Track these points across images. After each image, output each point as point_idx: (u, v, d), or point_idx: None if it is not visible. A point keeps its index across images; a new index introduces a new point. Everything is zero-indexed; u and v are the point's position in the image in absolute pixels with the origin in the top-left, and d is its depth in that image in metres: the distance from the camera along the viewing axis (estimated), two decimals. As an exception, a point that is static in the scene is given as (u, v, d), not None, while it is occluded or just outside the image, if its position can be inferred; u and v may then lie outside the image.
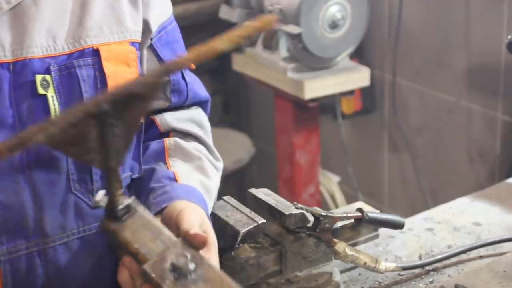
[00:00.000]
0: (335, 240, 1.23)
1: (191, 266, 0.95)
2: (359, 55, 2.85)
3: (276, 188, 2.83)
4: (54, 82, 1.09)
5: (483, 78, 2.57)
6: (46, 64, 1.09)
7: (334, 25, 2.57)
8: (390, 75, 2.88)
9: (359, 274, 1.34)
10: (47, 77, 1.09)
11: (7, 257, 1.08)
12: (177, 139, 1.29)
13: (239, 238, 1.13)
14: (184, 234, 0.99)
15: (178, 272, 0.95)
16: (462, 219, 1.53)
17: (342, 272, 1.32)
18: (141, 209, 1.01)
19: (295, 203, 1.23)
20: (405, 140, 2.90)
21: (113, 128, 0.93)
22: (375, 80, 2.88)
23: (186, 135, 1.30)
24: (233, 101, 3.72)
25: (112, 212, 0.99)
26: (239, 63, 2.87)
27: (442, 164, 2.82)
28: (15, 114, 1.08)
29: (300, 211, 1.20)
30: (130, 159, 1.21)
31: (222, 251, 1.14)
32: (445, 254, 1.37)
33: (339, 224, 1.26)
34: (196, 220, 1.05)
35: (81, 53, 1.12)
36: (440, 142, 2.80)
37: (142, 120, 1.08)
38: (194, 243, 0.98)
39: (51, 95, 1.09)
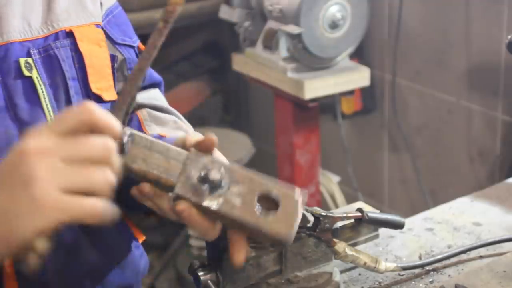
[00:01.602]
0: (335, 240, 1.23)
1: (217, 174, 0.92)
2: (359, 55, 2.86)
3: (276, 188, 2.82)
4: (36, 64, 1.16)
5: (483, 78, 2.57)
6: (25, 47, 1.15)
7: (334, 25, 2.57)
8: (390, 75, 2.88)
9: (359, 274, 1.34)
10: (29, 60, 1.15)
11: None
12: (148, 109, 1.35)
13: (239, 238, 1.13)
14: (193, 144, 0.98)
15: (209, 183, 0.92)
16: (462, 219, 1.53)
17: (342, 272, 1.32)
18: (136, 133, 0.96)
19: (295, 203, 1.23)
20: (405, 140, 2.90)
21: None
22: (375, 80, 2.88)
23: (154, 109, 1.37)
24: (233, 101, 3.73)
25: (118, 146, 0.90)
26: (239, 63, 2.87)
27: (442, 164, 2.82)
28: (6, 96, 1.14)
29: (300, 211, 1.20)
30: None
31: (222, 251, 1.14)
32: (445, 254, 1.37)
33: (339, 224, 1.26)
34: (193, 133, 1.07)
35: (56, 36, 1.19)
36: (440, 142, 2.80)
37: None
38: (206, 146, 0.96)
39: (35, 76, 1.15)
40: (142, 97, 1.38)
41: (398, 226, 1.32)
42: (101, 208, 0.80)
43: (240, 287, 1.16)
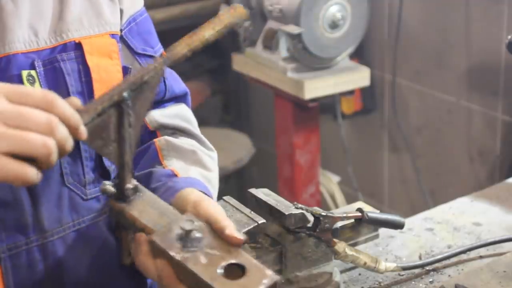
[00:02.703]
0: (335, 240, 1.23)
1: (198, 234, 0.96)
2: (359, 55, 2.85)
3: (276, 188, 2.83)
4: (39, 77, 1.11)
5: (483, 78, 2.57)
6: (30, 59, 1.10)
7: (334, 25, 2.57)
8: (390, 75, 2.88)
9: (359, 274, 1.34)
10: (32, 72, 1.10)
11: (7, 254, 1.09)
12: (167, 137, 1.28)
13: (239, 238, 1.13)
14: (220, 232, 0.99)
15: (185, 239, 0.95)
16: (462, 219, 1.53)
17: (342, 272, 1.32)
18: (147, 192, 1.04)
19: (295, 203, 1.23)
20: (405, 140, 2.90)
21: (130, 117, 0.96)
22: (375, 80, 2.88)
23: (175, 131, 1.31)
24: (233, 101, 3.73)
25: (120, 192, 1.01)
26: (239, 63, 2.87)
27: (442, 164, 2.82)
28: None
29: (300, 211, 1.20)
30: None
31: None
32: (445, 254, 1.37)
33: (339, 224, 1.26)
34: (222, 212, 1.04)
35: (64, 47, 1.13)
36: (440, 142, 2.80)
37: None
38: (231, 243, 0.98)
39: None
40: (168, 114, 1.30)
41: (398, 226, 1.32)
42: (28, 174, 0.84)
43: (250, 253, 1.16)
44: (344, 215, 1.26)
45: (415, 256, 1.40)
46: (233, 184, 3.52)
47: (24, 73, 1.09)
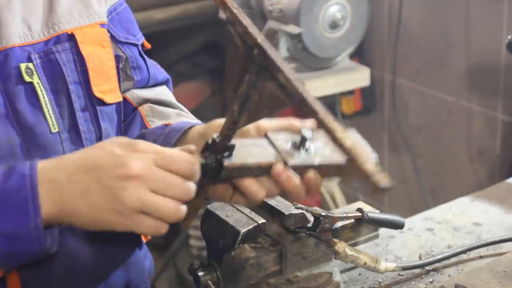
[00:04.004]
0: (335, 240, 1.23)
1: (307, 135, 1.08)
2: (359, 55, 2.85)
3: (276, 188, 2.82)
4: (37, 69, 1.13)
5: (483, 78, 2.57)
6: (26, 52, 1.13)
7: (334, 25, 2.57)
8: (390, 75, 2.88)
9: (359, 274, 1.34)
10: (30, 65, 1.13)
11: None
12: (150, 104, 1.34)
13: (239, 238, 1.13)
14: (269, 128, 1.11)
15: (299, 147, 1.06)
16: (462, 219, 1.53)
17: (342, 272, 1.32)
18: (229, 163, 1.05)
19: (295, 203, 1.23)
20: (405, 140, 2.90)
21: (257, 85, 0.99)
22: (375, 80, 2.88)
23: (159, 105, 1.35)
24: (233, 101, 3.72)
25: (223, 147, 1.03)
26: (239, 63, 2.86)
27: (442, 164, 2.82)
28: (7, 103, 1.12)
29: (300, 211, 1.20)
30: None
31: (222, 251, 1.14)
32: (445, 254, 1.37)
33: (339, 224, 1.26)
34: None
35: (57, 39, 1.17)
36: (440, 142, 2.80)
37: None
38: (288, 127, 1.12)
39: (36, 81, 1.13)
40: (148, 93, 1.36)
41: (398, 226, 1.32)
42: (160, 230, 0.96)
43: (240, 287, 1.16)
44: (344, 215, 1.26)
45: (415, 256, 1.40)
46: (233, 184, 3.51)
47: (22, 66, 1.12)
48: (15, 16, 1.13)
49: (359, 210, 1.28)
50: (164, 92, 1.39)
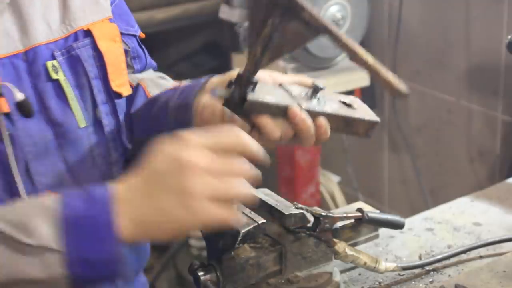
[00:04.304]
0: (335, 240, 1.23)
1: (319, 85, 1.18)
2: (359, 55, 2.85)
3: (276, 188, 2.83)
4: (61, 66, 1.16)
5: (483, 78, 2.57)
6: (50, 50, 1.16)
7: (334, 25, 2.56)
8: (390, 75, 2.87)
9: (359, 274, 1.34)
10: (55, 62, 1.16)
11: None
12: (150, 77, 1.38)
13: (239, 238, 1.13)
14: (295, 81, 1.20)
15: (312, 97, 1.17)
16: (462, 219, 1.53)
17: (342, 272, 1.32)
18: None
19: (295, 203, 1.23)
20: (405, 140, 2.90)
21: (280, 27, 1.05)
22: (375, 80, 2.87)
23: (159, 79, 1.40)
24: (233, 101, 3.72)
25: (247, 82, 1.12)
26: (239, 63, 2.87)
27: (442, 164, 2.82)
28: (38, 99, 1.15)
29: (300, 211, 1.20)
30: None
31: (222, 251, 1.14)
32: (445, 254, 1.37)
33: (339, 224, 1.26)
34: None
35: (76, 36, 1.19)
36: (440, 142, 2.80)
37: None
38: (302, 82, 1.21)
39: (62, 78, 1.16)
40: (144, 75, 1.38)
41: (398, 226, 1.32)
42: (235, 215, 0.95)
43: (240, 287, 1.16)
44: (344, 215, 1.26)
45: (415, 256, 1.40)
46: (233, 184, 3.51)
47: (49, 63, 1.15)
48: (37, 14, 1.15)
49: (359, 210, 1.28)
50: (160, 74, 1.43)
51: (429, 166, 2.86)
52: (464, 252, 1.38)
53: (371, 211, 1.29)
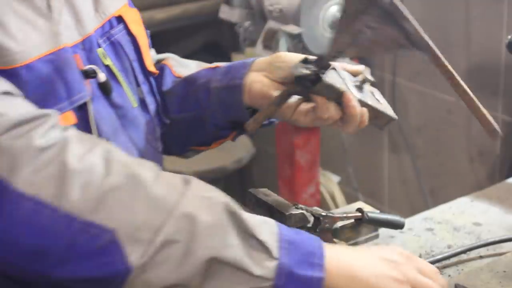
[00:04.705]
0: (335, 240, 1.23)
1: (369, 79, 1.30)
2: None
3: (276, 188, 2.83)
4: (107, 52, 1.21)
5: (483, 78, 2.57)
6: (95, 38, 1.20)
7: (334, 25, 2.56)
8: (390, 75, 2.88)
9: (359, 274, 1.33)
10: (102, 49, 1.20)
11: None
12: (173, 56, 1.46)
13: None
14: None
15: (359, 88, 1.26)
16: (462, 219, 1.53)
17: (342, 272, 1.32)
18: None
19: (295, 203, 1.23)
20: (405, 140, 2.90)
21: (375, 26, 1.08)
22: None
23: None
24: (233, 101, 3.72)
25: (326, 65, 1.19)
26: (239, 63, 2.86)
27: (442, 164, 2.82)
28: (99, 85, 1.19)
29: (300, 211, 1.20)
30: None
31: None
32: (445, 254, 1.37)
33: (339, 224, 1.26)
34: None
35: (110, 23, 1.25)
36: (440, 142, 2.80)
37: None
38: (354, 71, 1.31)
39: (111, 63, 1.22)
40: (158, 56, 1.46)
41: (398, 226, 1.32)
42: None
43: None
44: (344, 215, 1.26)
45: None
46: (233, 184, 3.52)
47: (99, 50, 1.20)
48: (81, 5, 1.19)
49: (359, 210, 1.28)
50: (167, 54, 1.49)
51: (429, 166, 2.86)
52: (464, 252, 1.38)
53: (371, 211, 1.29)
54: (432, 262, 1.35)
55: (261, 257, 0.97)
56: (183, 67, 1.44)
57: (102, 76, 1.17)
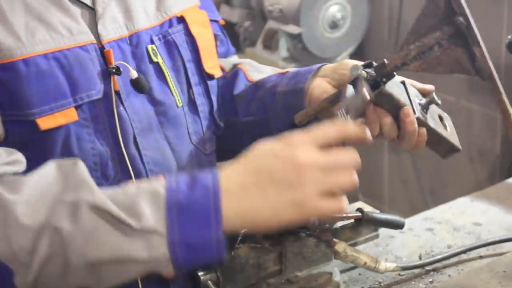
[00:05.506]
0: (335, 240, 1.23)
1: (436, 101, 1.23)
2: (359, 55, 2.86)
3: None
4: (159, 50, 1.25)
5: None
6: (149, 35, 1.24)
7: (334, 25, 2.57)
8: (390, 75, 2.87)
9: (359, 274, 1.34)
10: (154, 46, 1.24)
11: None
12: (249, 61, 1.50)
13: (239, 238, 1.13)
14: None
15: (425, 110, 1.20)
16: (462, 219, 1.53)
17: (342, 272, 1.32)
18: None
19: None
20: (405, 140, 2.90)
21: (445, 45, 1.09)
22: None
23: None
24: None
25: (388, 74, 1.15)
26: (239, 63, 2.87)
27: (442, 164, 2.82)
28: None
29: (300, 211, 1.20)
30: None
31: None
32: (445, 254, 1.37)
33: (339, 224, 1.26)
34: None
35: (170, 22, 1.28)
36: (440, 142, 2.80)
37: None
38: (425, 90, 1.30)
39: (161, 61, 1.25)
40: (234, 60, 1.50)
41: (398, 226, 1.32)
42: (342, 206, 0.99)
43: (240, 287, 1.16)
44: (344, 215, 1.26)
45: (415, 256, 1.40)
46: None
47: (149, 47, 1.23)
48: (137, 3, 1.23)
49: (359, 210, 1.28)
50: (244, 59, 1.52)
51: (429, 166, 2.86)
52: (464, 252, 1.38)
53: (371, 211, 1.29)
54: (432, 262, 1.35)
55: (147, 239, 0.95)
56: (258, 72, 1.46)
57: (134, 73, 1.19)
